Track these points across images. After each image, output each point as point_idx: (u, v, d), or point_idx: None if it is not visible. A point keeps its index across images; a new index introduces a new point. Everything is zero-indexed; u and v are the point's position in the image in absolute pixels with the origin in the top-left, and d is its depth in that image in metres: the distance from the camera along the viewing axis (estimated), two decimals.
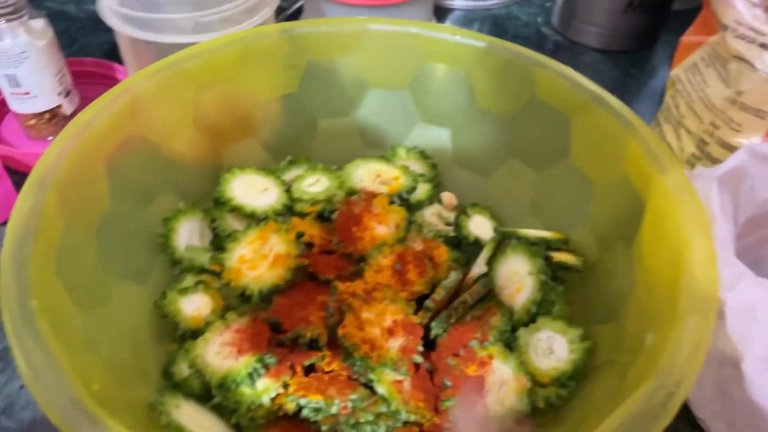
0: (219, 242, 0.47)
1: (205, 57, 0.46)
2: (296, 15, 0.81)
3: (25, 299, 0.31)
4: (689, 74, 0.51)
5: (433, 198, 0.52)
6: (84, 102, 0.64)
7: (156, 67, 0.45)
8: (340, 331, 0.39)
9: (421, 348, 0.40)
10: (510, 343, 0.42)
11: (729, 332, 0.33)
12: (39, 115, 0.61)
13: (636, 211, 0.40)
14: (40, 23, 0.57)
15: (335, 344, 0.40)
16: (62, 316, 0.33)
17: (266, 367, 0.38)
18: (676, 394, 0.29)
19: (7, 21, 0.54)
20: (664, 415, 0.29)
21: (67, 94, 0.62)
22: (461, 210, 0.51)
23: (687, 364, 0.30)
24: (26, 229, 0.33)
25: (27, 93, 0.58)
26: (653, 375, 0.30)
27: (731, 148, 0.48)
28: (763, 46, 0.45)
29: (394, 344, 0.39)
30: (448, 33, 0.49)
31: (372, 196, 0.48)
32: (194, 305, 0.43)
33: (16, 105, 0.59)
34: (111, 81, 0.69)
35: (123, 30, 0.55)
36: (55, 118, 0.62)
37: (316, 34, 0.50)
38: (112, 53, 0.78)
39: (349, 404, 0.37)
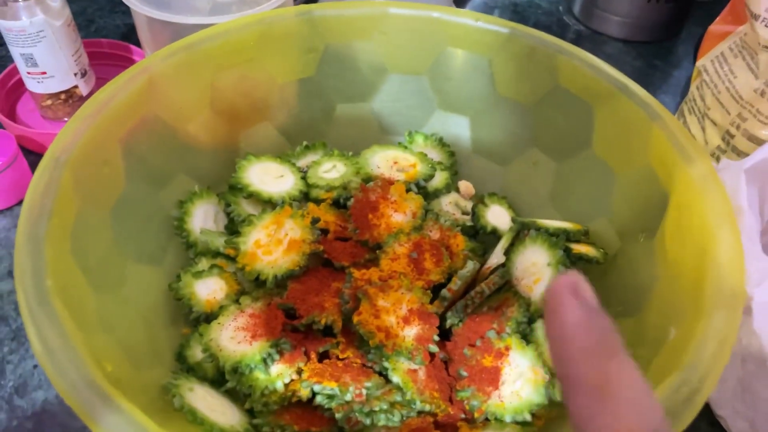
0: (233, 227, 0.47)
1: (223, 38, 0.46)
2: None
3: (40, 277, 0.31)
4: (716, 65, 0.50)
5: (451, 186, 0.51)
6: (100, 83, 0.64)
7: (173, 48, 0.44)
8: (355, 319, 0.39)
9: (436, 338, 0.39)
10: (526, 335, 0.41)
11: (755, 329, 0.32)
12: (55, 96, 0.61)
13: (660, 203, 0.39)
14: (57, 2, 0.57)
15: (350, 331, 0.40)
16: (77, 296, 0.33)
17: (280, 352, 0.38)
18: (701, 390, 0.29)
19: (24, 0, 0.54)
20: (687, 412, 0.28)
21: (84, 74, 0.61)
22: (479, 199, 0.51)
23: (712, 360, 0.29)
24: (41, 208, 0.33)
25: (43, 73, 0.58)
26: (677, 370, 0.29)
27: (758, 141, 0.47)
28: None
29: (410, 333, 0.39)
30: (470, 18, 0.48)
31: (389, 183, 0.48)
32: (209, 289, 0.42)
33: (32, 85, 0.59)
34: (127, 62, 0.69)
35: (140, 9, 0.54)
36: (71, 99, 0.62)
37: (335, 17, 0.49)
38: (129, 35, 0.78)
39: (364, 391, 0.37)
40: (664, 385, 0.29)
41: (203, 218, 0.46)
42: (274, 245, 0.43)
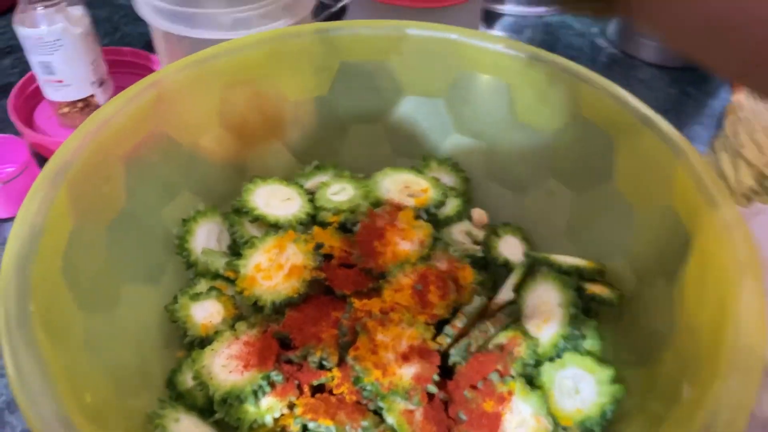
0: (236, 248, 0.45)
1: (235, 54, 0.45)
2: (340, 14, 0.79)
3: (23, 301, 0.30)
4: (752, 101, 0.47)
5: (463, 214, 0.49)
6: (118, 92, 0.64)
7: (184, 63, 0.43)
8: (351, 354, 0.37)
9: (436, 377, 0.37)
10: (533, 378, 0.39)
11: None
12: (72, 104, 0.61)
13: (681, 247, 0.37)
14: (78, 10, 0.57)
15: (346, 365, 0.38)
16: (63, 318, 0.32)
17: (272, 385, 0.37)
18: None
19: (45, 7, 0.54)
20: None
21: (102, 83, 0.61)
22: (492, 229, 0.48)
23: (726, 427, 0.27)
24: (33, 227, 0.32)
25: (60, 81, 0.58)
26: None
27: None
28: None
29: (408, 371, 0.37)
30: (489, 41, 0.46)
31: (397, 209, 0.46)
32: (205, 312, 0.41)
33: (49, 92, 0.59)
34: (148, 72, 0.69)
35: (156, 23, 0.54)
36: (88, 107, 0.62)
37: (351, 36, 0.48)
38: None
39: (360, 431, 0.35)
40: None
41: (206, 238, 0.45)
42: (274, 270, 0.41)
